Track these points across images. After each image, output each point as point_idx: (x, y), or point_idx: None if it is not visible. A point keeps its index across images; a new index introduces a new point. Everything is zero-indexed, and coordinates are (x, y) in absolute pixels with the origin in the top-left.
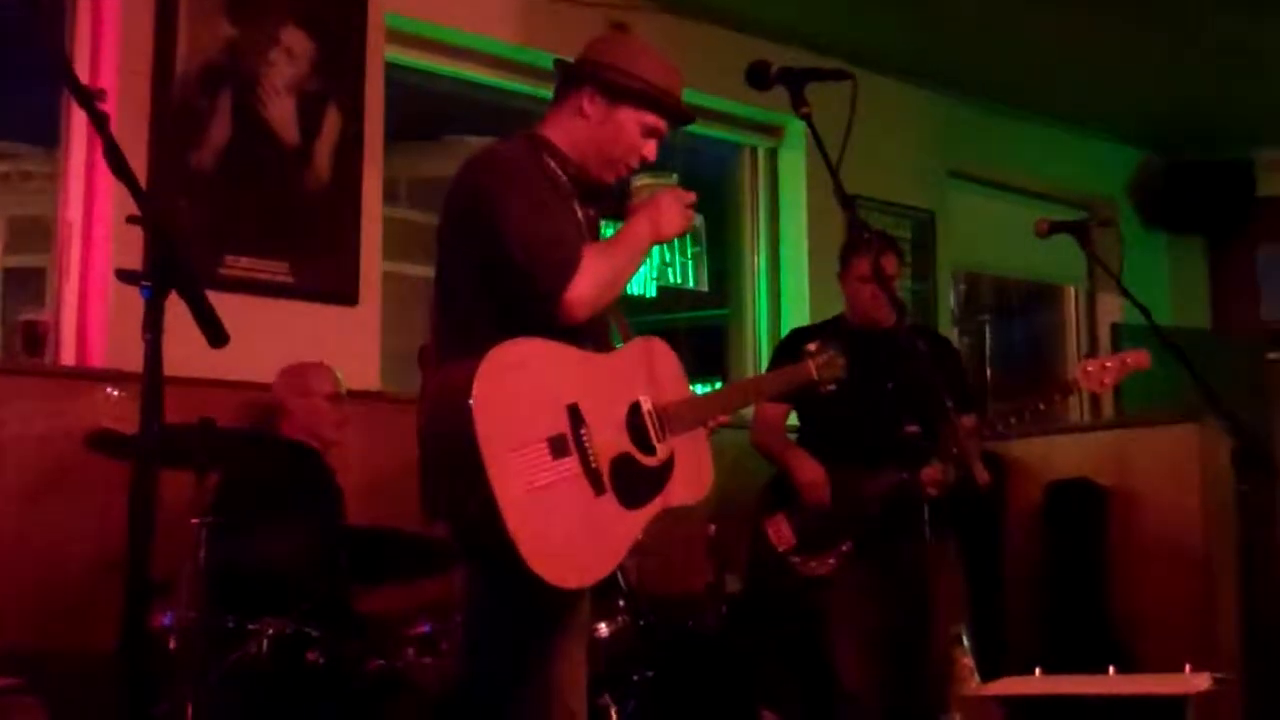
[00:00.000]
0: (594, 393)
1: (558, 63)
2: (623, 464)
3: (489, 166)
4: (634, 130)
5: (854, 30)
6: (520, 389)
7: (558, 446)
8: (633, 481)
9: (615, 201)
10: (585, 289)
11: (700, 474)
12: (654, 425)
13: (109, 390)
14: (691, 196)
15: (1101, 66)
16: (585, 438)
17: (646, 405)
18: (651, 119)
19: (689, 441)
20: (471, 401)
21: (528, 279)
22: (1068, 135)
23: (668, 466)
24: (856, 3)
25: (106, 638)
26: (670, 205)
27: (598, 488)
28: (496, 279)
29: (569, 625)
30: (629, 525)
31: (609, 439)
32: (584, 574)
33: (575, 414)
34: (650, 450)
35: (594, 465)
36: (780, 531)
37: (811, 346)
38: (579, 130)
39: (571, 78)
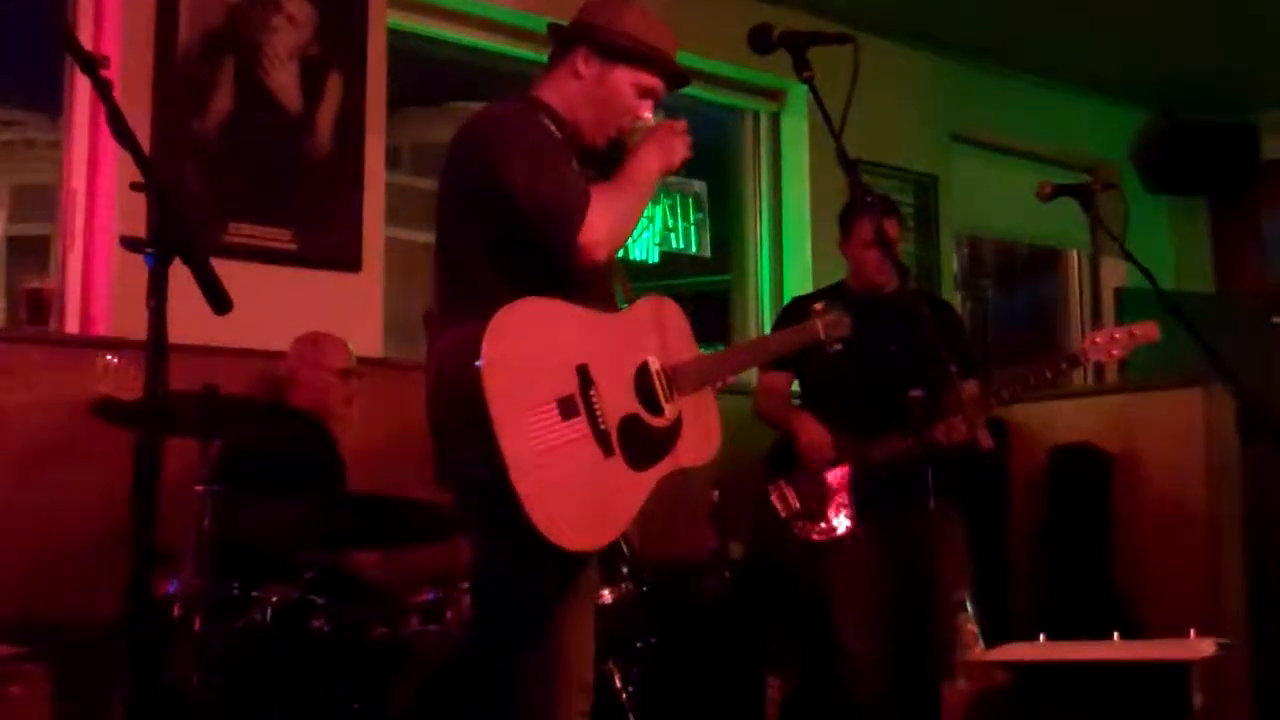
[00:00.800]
0: (602, 353)
1: (552, 26)
2: (631, 425)
3: (487, 126)
4: (629, 90)
5: None
6: (529, 349)
7: (566, 407)
8: (641, 443)
9: (609, 162)
10: (599, 229)
11: (708, 434)
12: (662, 386)
13: (108, 357)
14: (683, 124)
15: (1104, 29)
16: (594, 398)
17: (655, 365)
18: (647, 79)
19: (697, 402)
20: (480, 363)
21: (540, 230)
22: (1070, 98)
23: (676, 427)
24: None
25: (111, 606)
26: (669, 134)
27: (606, 449)
28: (505, 238)
29: (576, 591)
30: (637, 487)
31: (617, 400)
32: (593, 536)
33: (584, 375)
34: (658, 411)
35: (603, 426)
36: (784, 497)
37: (818, 306)
38: (573, 91)
39: (566, 39)
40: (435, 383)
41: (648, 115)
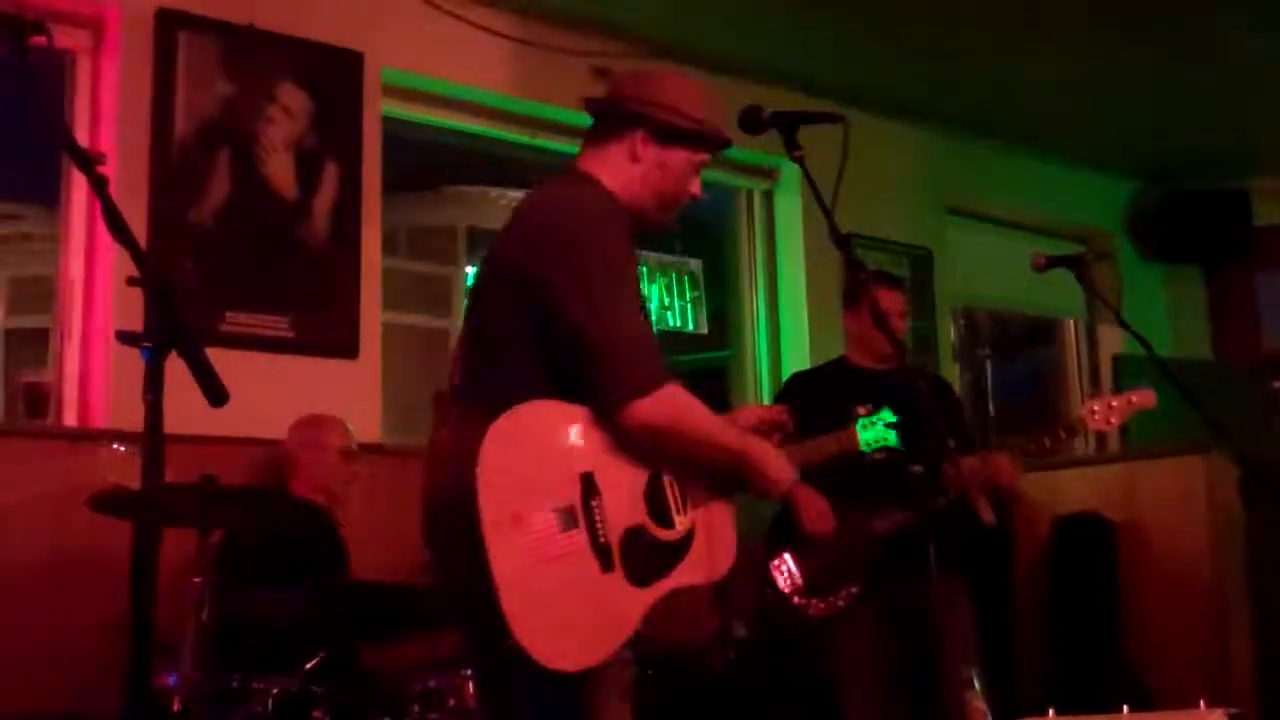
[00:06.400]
0: (613, 460)
1: (592, 101)
2: (635, 538)
3: (566, 225)
4: (687, 170)
5: (847, 71)
6: (531, 457)
7: (566, 519)
8: (645, 557)
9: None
10: (661, 416)
11: (720, 551)
12: (675, 497)
13: (115, 446)
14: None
15: (1095, 100)
16: (596, 509)
17: (668, 475)
18: (702, 157)
19: (712, 514)
20: (478, 472)
21: (599, 371)
22: (1063, 169)
23: (685, 542)
24: (848, 44)
25: (111, 700)
26: (824, 513)
27: (605, 564)
28: (559, 346)
29: (600, 684)
30: (636, 603)
31: (622, 511)
32: (583, 655)
33: (588, 483)
34: (668, 523)
35: (602, 540)
36: (786, 573)
37: (863, 410)
38: (632, 175)
39: (618, 118)
40: (428, 482)
41: (697, 190)
